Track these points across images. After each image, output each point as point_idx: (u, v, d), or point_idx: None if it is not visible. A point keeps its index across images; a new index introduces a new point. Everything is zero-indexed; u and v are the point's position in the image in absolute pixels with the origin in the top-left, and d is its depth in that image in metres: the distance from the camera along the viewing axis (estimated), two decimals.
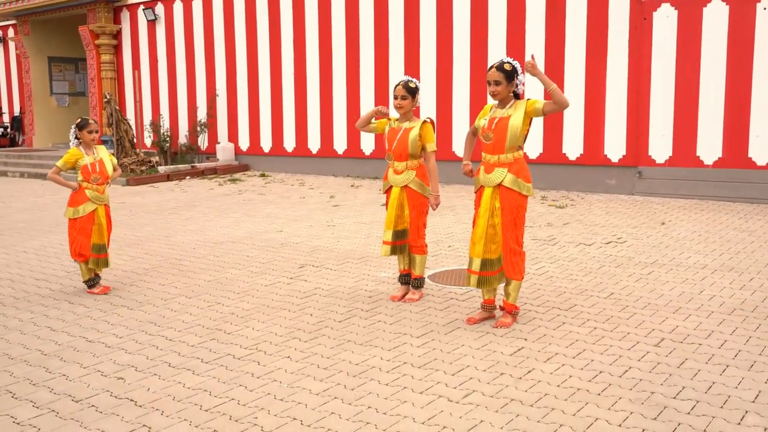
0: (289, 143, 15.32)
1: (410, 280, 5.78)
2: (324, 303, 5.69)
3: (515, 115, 4.88)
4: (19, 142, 21.56)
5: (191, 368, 4.33)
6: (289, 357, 4.49)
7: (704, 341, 4.61)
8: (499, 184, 4.93)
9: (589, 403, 3.71)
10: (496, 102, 5.02)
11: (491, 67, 4.90)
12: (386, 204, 5.75)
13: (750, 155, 10.25)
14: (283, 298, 5.87)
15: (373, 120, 5.76)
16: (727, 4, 10.21)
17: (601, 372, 4.12)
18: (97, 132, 6.14)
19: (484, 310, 5.15)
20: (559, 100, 4.74)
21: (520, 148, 4.96)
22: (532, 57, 4.93)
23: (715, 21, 10.30)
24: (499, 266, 5.00)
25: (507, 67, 4.85)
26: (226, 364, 4.38)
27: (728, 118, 10.34)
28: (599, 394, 3.82)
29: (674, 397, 3.75)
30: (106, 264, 6.17)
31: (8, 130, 21.48)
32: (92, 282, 6.18)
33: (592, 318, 5.15)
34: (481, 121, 5.04)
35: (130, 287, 6.34)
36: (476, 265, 4.96)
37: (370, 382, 4.06)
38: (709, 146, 10.53)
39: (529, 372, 4.15)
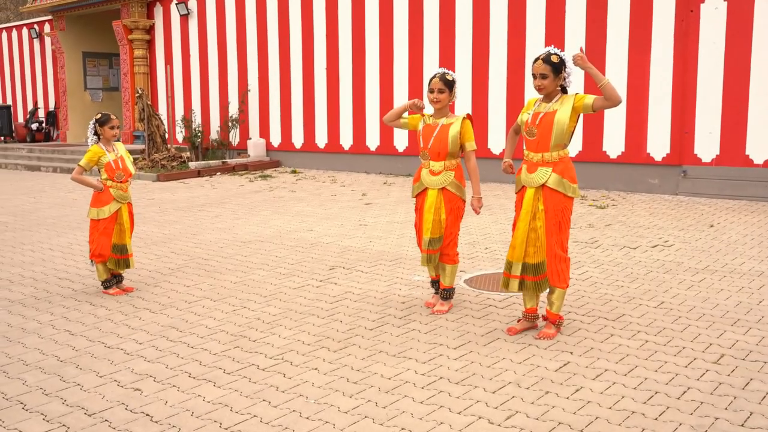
0: (321, 139, 15.07)
1: (439, 291, 5.41)
2: (355, 309, 5.39)
3: (562, 109, 4.52)
4: (54, 137, 21.66)
5: (212, 380, 4.06)
6: (316, 369, 4.19)
7: None
8: (543, 185, 4.59)
9: (645, 429, 3.34)
10: (541, 96, 4.67)
11: (537, 59, 4.54)
12: (417, 209, 5.29)
13: None
14: (311, 302, 5.59)
15: (405, 114, 5.37)
16: None
17: (656, 392, 3.75)
18: (118, 127, 5.92)
19: (526, 320, 4.81)
20: (611, 96, 4.38)
21: (566, 146, 4.61)
22: (581, 49, 4.60)
23: None
24: (541, 272, 4.65)
25: (554, 59, 4.49)
26: (249, 376, 4.10)
27: None
28: (656, 419, 3.45)
29: (742, 425, 3.37)
30: (127, 265, 5.95)
31: (43, 124, 21.61)
32: (109, 283, 5.96)
33: (642, 330, 4.77)
34: (525, 116, 4.69)
35: (153, 288, 6.12)
36: (514, 269, 4.63)
37: (404, 399, 3.74)
38: (760, 144, 9.99)
39: (577, 391, 3.80)
